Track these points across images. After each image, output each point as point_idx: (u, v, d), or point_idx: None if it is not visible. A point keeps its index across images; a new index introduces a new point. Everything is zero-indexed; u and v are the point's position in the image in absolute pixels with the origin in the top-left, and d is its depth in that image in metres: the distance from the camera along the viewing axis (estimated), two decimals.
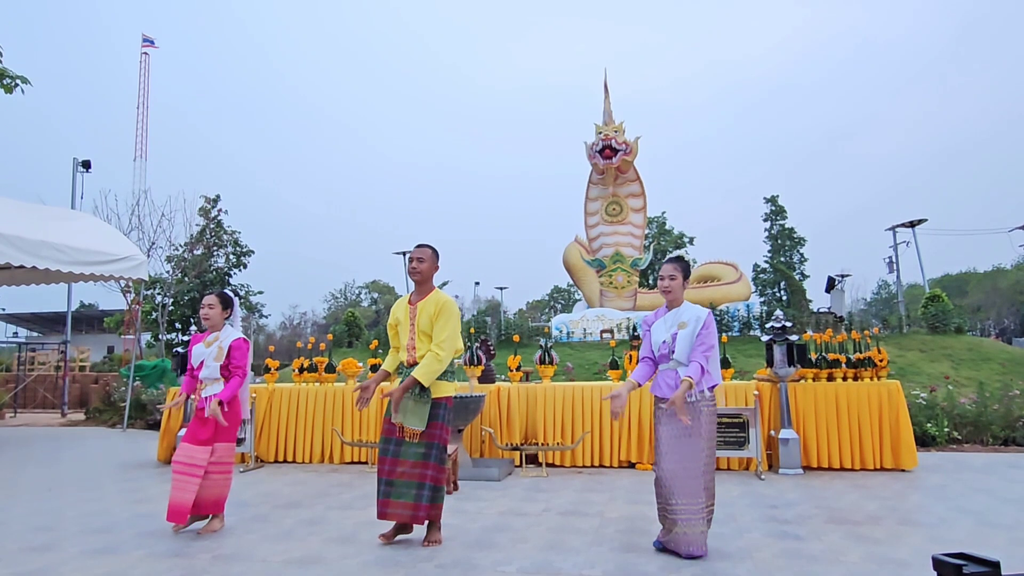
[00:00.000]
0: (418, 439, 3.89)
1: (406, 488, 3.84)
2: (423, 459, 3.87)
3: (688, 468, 3.61)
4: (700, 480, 3.61)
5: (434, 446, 3.90)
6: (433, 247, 4.18)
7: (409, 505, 3.82)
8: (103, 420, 12.09)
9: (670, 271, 3.90)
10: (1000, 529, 4.10)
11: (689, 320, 3.80)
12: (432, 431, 3.90)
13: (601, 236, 15.23)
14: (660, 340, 3.82)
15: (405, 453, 3.89)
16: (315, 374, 7.50)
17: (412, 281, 4.11)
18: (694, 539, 3.58)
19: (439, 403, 3.93)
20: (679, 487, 3.60)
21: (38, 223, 8.46)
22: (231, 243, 21.68)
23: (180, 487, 4.19)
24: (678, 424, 3.65)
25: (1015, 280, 45.74)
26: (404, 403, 3.88)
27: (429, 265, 4.09)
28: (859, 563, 3.47)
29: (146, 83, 47.38)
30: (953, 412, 7.64)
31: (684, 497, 3.59)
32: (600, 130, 14.82)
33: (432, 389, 3.90)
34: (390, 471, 3.90)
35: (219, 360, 4.42)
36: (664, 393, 3.77)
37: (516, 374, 7.14)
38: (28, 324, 41.46)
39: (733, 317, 14.02)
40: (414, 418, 3.85)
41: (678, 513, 3.59)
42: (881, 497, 5.04)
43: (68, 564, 3.65)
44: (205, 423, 4.32)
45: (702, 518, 3.60)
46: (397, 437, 3.92)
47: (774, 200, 44.22)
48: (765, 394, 6.30)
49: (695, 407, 3.67)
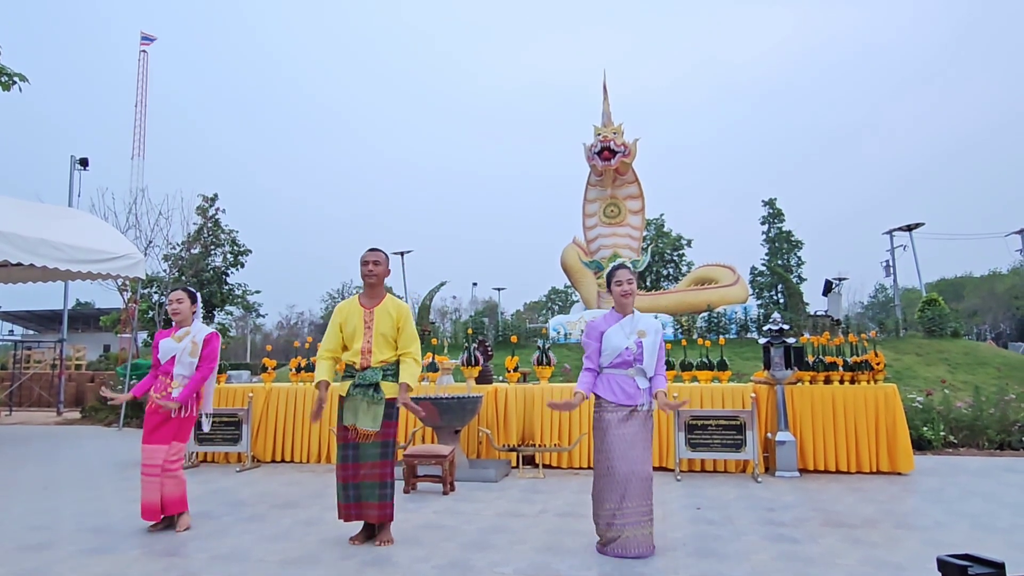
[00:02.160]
0: (372, 439, 3.94)
1: (370, 489, 3.92)
2: (381, 458, 3.95)
3: (641, 470, 3.69)
4: (649, 481, 3.72)
5: (389, 444, 3.99)
6: (385, 252, 4.23)
7: (375, 505, 3.92)
8: (99, 419, 12.06)
9: (629, 276, 3.92)
10: (996, 533, 4.12)
11: (648, 330, 3.88)
12: (387, 430, 3.97)
13: (599, 238, 15.23)
14: (620, 346, 3.82)
15: (364, 455, 3.95)
16: (312, 374, 7.49)
17: (365, 283, 4.12)
18: (643, 540, 3.66)
19: (392, 402, 4.00)
20: (631, 490, 3.66)
21: (35, 221, 8.44)
22: (229, 242, 21.62)
23: (148, 488, 4.25)
24: (633, 428, 3.74)
25: (1011, 285, 45.86)
26: (357, 405, 3.95)
27: (383, 268, 4.16)
28: (856, 566, 3.47)
29: (144, 81, 47.37)
30: (949, 416, 7.66)
31: (635, 499, 3.66)
32: (599, 132, 14.82)
33: (384, 390, 3.96)
34: (353, 475, 3.96)
35: (194, 356, 4.42)
36: (620, 400, 3.78)
37: (513, 375, 7.14)
38: (24, 322, 41.31)
39: (730, 320, 14.03)
40: (367, 419, 3.91)
41: (628, 516, 3.65)
42: (878, 500, 5.05)
43: (64, 563, 3.64)
44: (167, 423, 4.33)
45: (650, 519, 3.71)
46: (353, 441, 3.97)
47: (772, 203, 44.28)
48: (762, 396, 6.31)
49: (647, 412, 3.83)
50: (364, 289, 4.17)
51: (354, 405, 3.96)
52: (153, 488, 4.25)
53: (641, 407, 3.79)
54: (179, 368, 4.40)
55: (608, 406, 3.81)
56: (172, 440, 4.35)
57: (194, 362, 4.42)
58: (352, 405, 3.97)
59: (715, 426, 6.11)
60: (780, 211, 44.19)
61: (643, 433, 3.77)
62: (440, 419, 6.06)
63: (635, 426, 3.75)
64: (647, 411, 3.83)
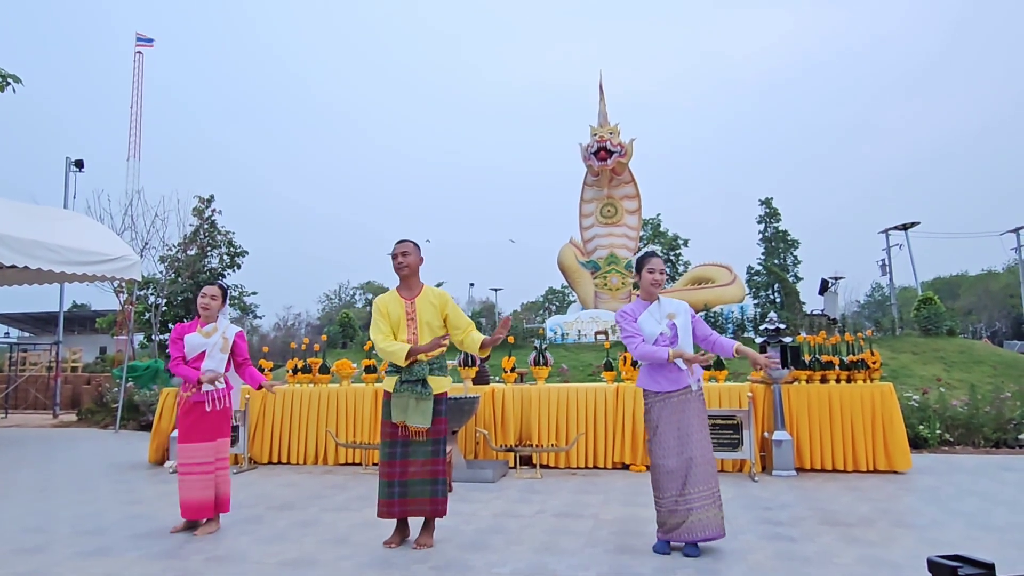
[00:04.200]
0: (424, 436, 3.89)
1: (421, 486, 3.88)
2: (433, 455, 3.91)
3: (704, 454, 3.69)
4: (713, 464, 3.72)
5: (440, 441, 3.95)
6: (414, 241, 4.16)
7: (427, 501, 3.89)
8: (95, 421, 12.02)
9: (661, 265, 3.94)
10: (992, 531, 4.13)
11: (677, 311, 3.88)
12: (437, 427, 3.93)
13: (596, 238, 15.26)
14: (655, 332, 3.81)
15: (415, 452, 3.90)
16: (309, 375, 7.49)
17: (399, 276, 4.06)
18: (712, 522, 3.63)
19: (440, 398, 3.96)
20: (695, 475, 3.65)
21: (30, 223, 8.41)
22: (225, 244, 21.57)
23: (191, 486, 4.20)
24: (685, 415, 3.72)
25: (1006, 283, 45.99)
26: (406, 402, 3.87)
27: (415, 258, 4.08)
28: (852, 565, 3.48)
29: (140, 82, 47.22)
30: (945, 414, 7.69)
31: (700, 484, 3.65)
32: (595, 132, 14.85)
33: (432, 385, 3.91)
34: (401, 472, 3.88)
35: (225, 352, 4.41)
36: (665, 387, 3.78)
37: (511, 375, 7.14)
38: (20, 324, 41.16)
39: (727, 319, 14.06)
40: (418, 416, 3.85)
41: (693, 501, 3.63)
42: (874, 499, 5.06)
43: (61, 566, 3.63)
44: (205, 418, 4.30)
45: (717, 501, 3.68)
46: (402, 439, 3.92)
47: (768, 202, 44.37)
48: (759, 396, 6.32)
49: (698, 394, 3.80)
50: (400, 282, 4.10)
51: (403, 402, 3.87)
52: (202, 485, 4.20)
53: (690, 388, 3.75)
54: (209, 363, 4.36)
55: (655, 397, 3.81)
56: (217, 437, 4.33)
57: (225, 358, 4.40)
58: (400, 402, 3.87)
59: (712, 425, 6.11)
60: (776, 210, 44.29)
61: (697, 417, 3.74)
62: None
63: (687, 411, 3.74)
64: (698, 392, 3.79)
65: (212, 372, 4.33)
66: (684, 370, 3.77)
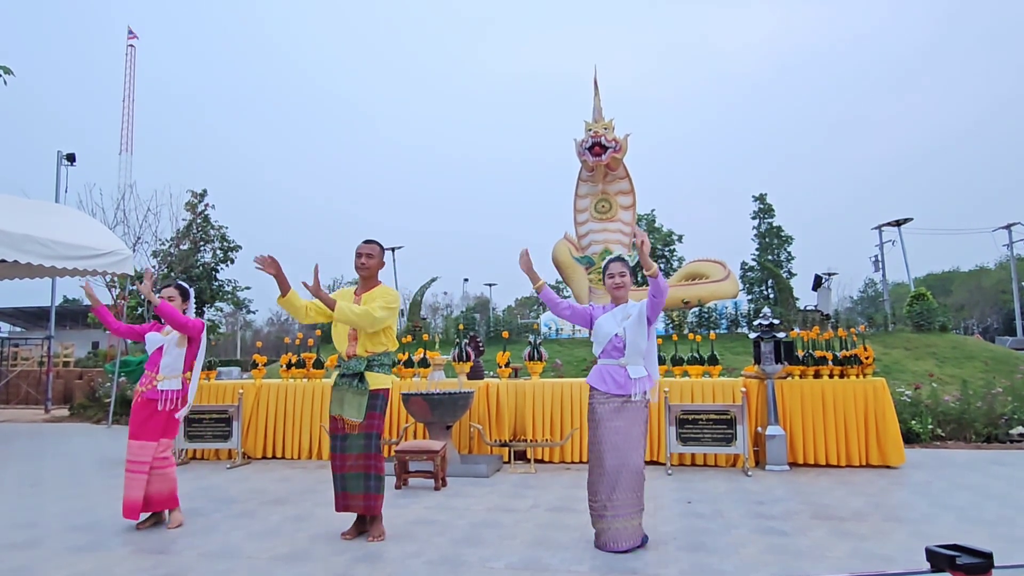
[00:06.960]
0: (357, 430, 3.93)
1: (355, 480, 3.93)
2: (365, 450, 3.94)
3: (636, 462, 3.69)
4: (642, 473, 3.71)
5: (372, 436, 3.97)
6: (381, 244, 4.20)
7: (360, 497, 3.93)
8: (87, 416, 11.97)
9: (621, 268, 3.96)
10: (982, 525, 4.16)
11: (631, 311, 3.88)
12: (371, 421, 3.96)
13: (590, 233, 15.23)
14: (610, 332, 3.83)
15: (351, 447, 3.95)
16: (303, 370, 7.47)
17: (358, 274, 4.11)
18: (633, 532, 3.65)
19: (376, 394, 3.99)
20: (622, 481, 3.65)
21: (21, 217, 8.33)
22: (218, 238, 21.49)
23: (132, 484, 4.23)
24: (625, 420, 3.72)
25: (998, 279, 46.28)
26: (342, 395, 3.96)
27: (377, 261, 4.14)
28: (845, 559, 3.50)
29: (132, 76, 46.91)
30: (937, 409, 7.73)
31: (625, 491, 3.65)
32: (590, 127, 14.81)
33: (369, 380, 3.96)
34: (341, 466, 3.97)
35: (182, 346, 4.42)
36: (611, 389, 3.78)
37: (505, 371, 7.14)
38: (11, 319, 40.89)
39: (721, 315, 14.10)
40: (352, 409, 3.92)
41: (618, 507, 3.64)
42: (866, 493, 5.09)
43: (52, 561, 3.61)
44: (155, 417, 4.30)
45: (640, 510, 3.70)
46: (341, 432, 3.98)
47: (762, 198, 44.42)
48: (752, 391, 6.34)
49: (641, 404, 3.78)
50: (359, 280, 4.16)
51: (340, 395, 3.98)
52: (137, 485, 4.22)
53: (634, 398, 3.76)
54: (166, 359, 4.39)
55: (600, 396, 3.81)
56: (160, 437, 4.33)
57: (182, 352, 4.42)
58: (338, 395, 3.99)
59: (706, 420, 6.13)
60: (771, 206, 44.35)
61: (636, 425, 3.75)
62: (431, 415, 6.05)
63: (627, 418, 3.74)
64: (640, 402, 3.80)
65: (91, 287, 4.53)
66: (633, 379, 3.77)
